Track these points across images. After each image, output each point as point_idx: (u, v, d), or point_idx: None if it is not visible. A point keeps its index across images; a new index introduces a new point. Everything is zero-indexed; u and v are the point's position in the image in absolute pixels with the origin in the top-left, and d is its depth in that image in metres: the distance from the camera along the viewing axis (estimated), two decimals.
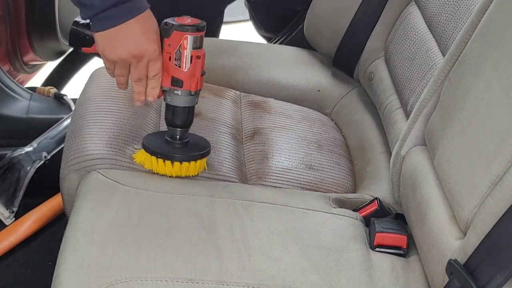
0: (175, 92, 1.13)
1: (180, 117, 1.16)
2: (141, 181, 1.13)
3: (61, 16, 1.83)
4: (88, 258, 0.95)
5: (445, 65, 1.08)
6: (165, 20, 1.11)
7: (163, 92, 1.14)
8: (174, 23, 1.10)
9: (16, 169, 1.60)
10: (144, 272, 0.93)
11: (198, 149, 1.19)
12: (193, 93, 1.13)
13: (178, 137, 1.18)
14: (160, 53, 1.10)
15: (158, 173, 1.20)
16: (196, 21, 1.11)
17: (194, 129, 1.32)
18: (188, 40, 1.10)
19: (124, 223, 1.02)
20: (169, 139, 1.18)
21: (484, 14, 1.01)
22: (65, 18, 1.87)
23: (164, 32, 1.11)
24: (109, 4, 1.06)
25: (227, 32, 2.15)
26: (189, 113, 1.16)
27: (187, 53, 1.10)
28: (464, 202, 0.93)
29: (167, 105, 1.16)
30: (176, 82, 1.12)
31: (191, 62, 1.11)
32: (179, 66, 1.11)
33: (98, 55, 1.12)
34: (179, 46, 1.10)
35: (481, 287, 0.85)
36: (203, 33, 1.11)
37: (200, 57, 1.11)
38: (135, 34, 1.08)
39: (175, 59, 1.11)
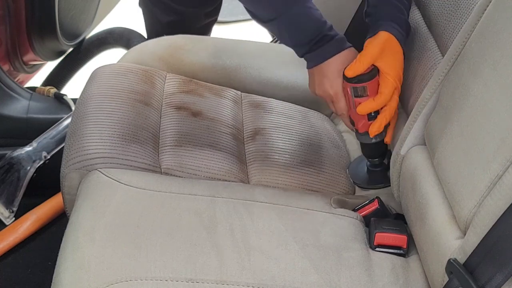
0: (353, 128, 1.26)
1: (363, 149, 1.29)
2: (141, 180, 1.13)
3: (61, 16, 1.83)
4: (88, 257, 0.95)
5: (445, 65, 1.08)
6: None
7: None
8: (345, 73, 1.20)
9: (16, 169, 1.60)
10: (144, 272, 0.93)
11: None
12: (361, 133, 1.24)
13: (376, 164, 1.30)
14: (340, 96, 1.22)
15: (158, 173, 1.20)
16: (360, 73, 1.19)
17: (194, 129, 1.33)
18: (350, 90, 1.20)
19: (125, 222, 1.02)
20: (369, 167, 1.31)
21: (483, 14, 1.02)
22: (65, 18, 1.87)
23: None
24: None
25: (227, 32, 2.16)
26: (369, 147, 1.27)
27: (352, 100, 1.20)
28: (463, 202, 0.93)
29: None
30: (351, 120, 1.25)
31: (355, 107, 1.21)
32: (350, 108, 1.23)
33: None
34: (347, 93, 1.21)
35: (481, 287, 0.85)
36: (364, 84, 1.19)
37: None
38: (317, 78, 1.23)
39: (348, 102, 1.22)
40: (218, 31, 2.05)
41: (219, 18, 1.94)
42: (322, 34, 1.20)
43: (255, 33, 2.08)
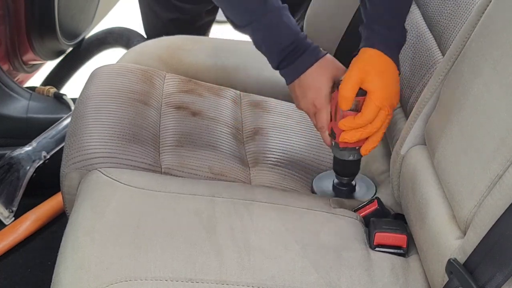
0: (332, 141, 1.20)
1: (336, 165, 1.23)
2: (141, 180, 1.13)
3: (61, 15, 1.83)
4: (88, 257, 0.95)
5: (445, 64, 1.08)
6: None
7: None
8: (340, 81, 1.15)
9: (15, 169, 1.60)
10: (144, 272, 0.93)
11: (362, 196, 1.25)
12: (340, 148, 1.19)
13: (343, 183, 1.26)
14: (324, 107, 1.17)
15: (158, 172, 1.20)
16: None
17: (194, 128, 1.33)
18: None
19: (124, 222, 1.02)
20: (335, 184, 1.26)
21: (483, 13, 1.01)
22: (65, 18, 1.87)
23: (335, 87, 1.17)
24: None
25: (226, 32, 2.15)
26: (343, 164, 1.22)
27: (341, 112, 1.14)
28: (463, 202, 0.93)
29: None
30: (332, 133, 1.18)
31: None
32: (335, 120, 1.16)
33: None
34: (337, 103, 1.14)
35: (481, 287, 0.85)
36: (360, 98, 1.13)
37: None
38: (299, 91, 1.19)
39: (335, 112, 1.16)
40: (217, 30, 2.05)
41: (218, 18, 1.94)
42: (297, 42, 1.16)
43: None
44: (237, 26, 1.20)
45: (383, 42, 1.15)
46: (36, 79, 2.10)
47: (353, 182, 1.26)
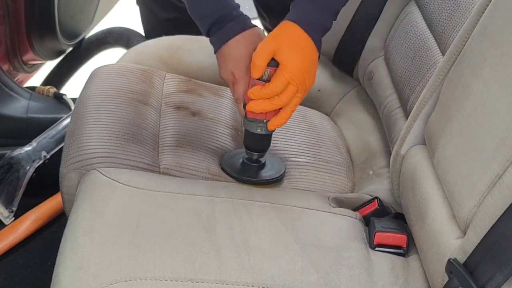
0: (244, 111, 1.19)
1: (246, 138, 1.23)
2: (140, 180, 1.13)
3: (61, 15, 1.83)
4: (87, 257, 0.95)
5: (445, 64, 1.08)
6: None
7: None
8: None
9: (15, 169, 1.60)
10: (143, 272, 0.93)
11: (269, 175, 1.25)
12: (249, 119, 1.18)
13: (253, 159, 1.25)
14: (242, 78, 1.17)
15: (157, 172, 1.20)
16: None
17: (193, 128, 1.32)
18: None
19: (124, 222, 1.02)
20: (245, 160, 1.26)
21: (483, 13, 1.01)
22: (65, 18, 1.87)
23: None
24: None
25: None
26: (252, 138, 1.21)
27: (252, 81, 1.14)
28: (463, 202, 0.93)
29: None
30: (244, 104, 1.18)
31: None
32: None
33: None
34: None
35: (481, 286, 0.85)
36: (270, 68, 1.12)
37: None
38: (221, 61, 1.18)
39: (252, 85, 1.15)
40: None
41: None
42: (228, 10, 1.17)
43: None
44: None
45: (306, 20, 1.13)
46: (36, 79, 2.10)
47: (263, 161, 1.26)
